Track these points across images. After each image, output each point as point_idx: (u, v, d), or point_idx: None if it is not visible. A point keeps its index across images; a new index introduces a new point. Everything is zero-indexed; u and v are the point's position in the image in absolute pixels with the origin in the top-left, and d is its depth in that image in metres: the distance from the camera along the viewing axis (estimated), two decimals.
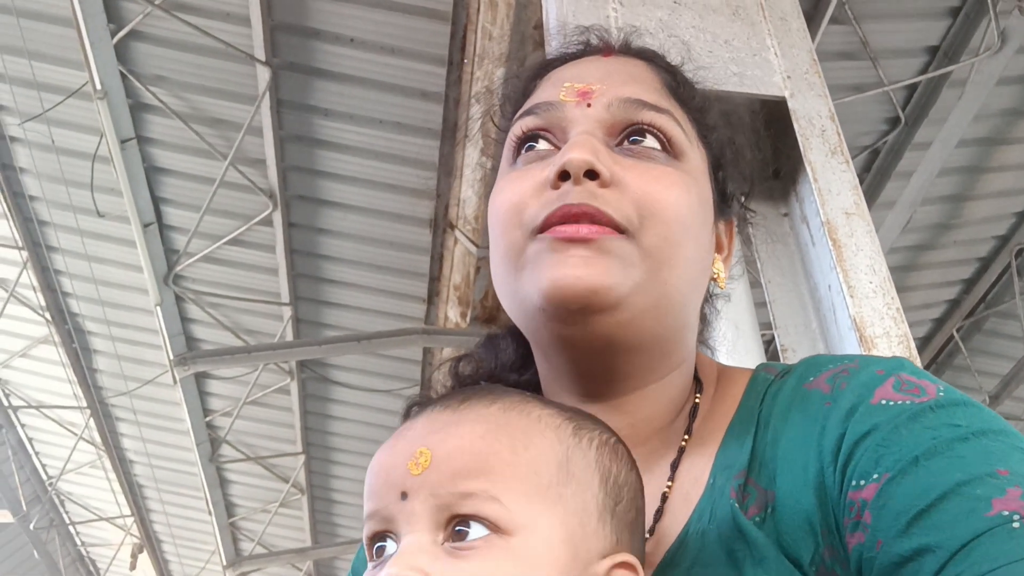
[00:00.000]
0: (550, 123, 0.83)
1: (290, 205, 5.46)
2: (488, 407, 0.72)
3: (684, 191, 0.80)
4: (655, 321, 0.78)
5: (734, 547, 0.70)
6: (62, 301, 6.92)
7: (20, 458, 9.17)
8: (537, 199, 0.78)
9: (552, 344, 0.81)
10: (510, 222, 0.80)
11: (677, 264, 0.78)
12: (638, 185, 0.78)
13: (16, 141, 5.70)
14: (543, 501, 0.68)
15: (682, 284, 0.79)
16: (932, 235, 5.97)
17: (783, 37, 2.23)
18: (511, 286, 0.81)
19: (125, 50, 4.69)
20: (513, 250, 0.79)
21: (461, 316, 5.46)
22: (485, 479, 0.67)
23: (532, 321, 0.80)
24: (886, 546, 0.62)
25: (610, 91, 0.83)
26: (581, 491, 0.71)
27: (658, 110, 0.82)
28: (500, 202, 0.82)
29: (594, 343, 0.78)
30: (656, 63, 0.90)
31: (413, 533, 0.67)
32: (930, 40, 4.77)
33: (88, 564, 11.05)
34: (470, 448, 0.69)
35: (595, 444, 0.74)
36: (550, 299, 0.75)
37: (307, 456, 7.60)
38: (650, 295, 0.77)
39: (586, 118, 0.81)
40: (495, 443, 0.69)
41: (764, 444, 0.76)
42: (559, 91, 0.84)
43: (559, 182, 0.77)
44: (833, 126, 2.12)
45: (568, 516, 0.69)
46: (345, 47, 4.59)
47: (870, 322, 1.88)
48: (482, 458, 0.68)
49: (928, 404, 0.68)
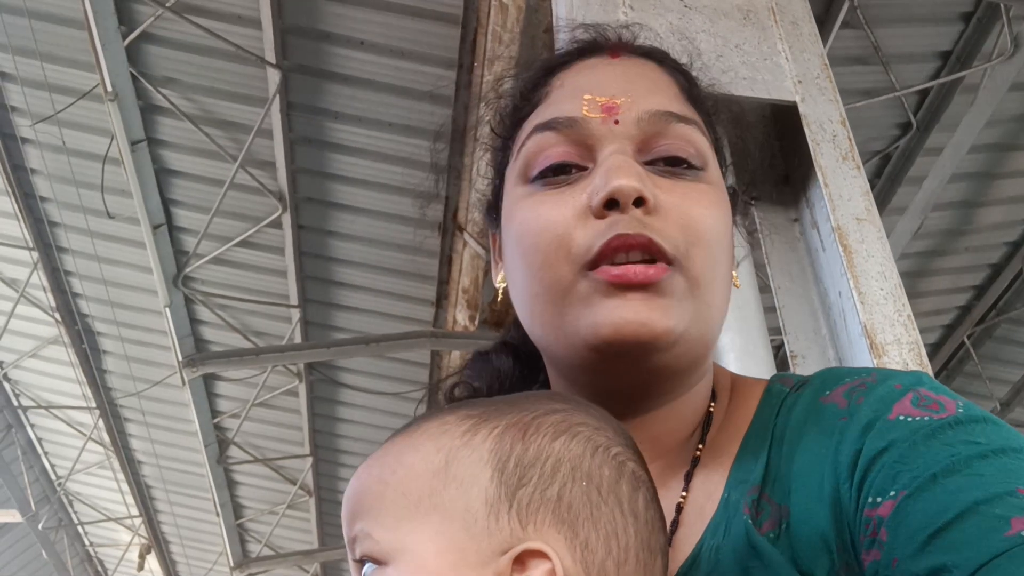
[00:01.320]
0: (574, 141, 0.79)
1: (299, 207, 5.47)
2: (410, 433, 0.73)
3: (719, 209, 0.79)
4: (701, 345, 0.78)
5: (748, 564, 0.69)
6: (72, 302, 6.95)
7: (29, 458, 9.20)
8: (583, 230, 0.75)
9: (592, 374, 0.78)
10: (556, 255, 0.76)
11: (716, 284, 0.78)
12: (680, 210, 0.76)
13: (27, 142, 5.72)
14: (412, 520, 0.68)
15: (720, 301, 0.79)
16: (943, 241, 5.94)
17: (794, 41, 2.21)
18: (554, 320, 0.77)
19: (136, 52, 4.70)
20: (560, 285, 0.76)
21: (470, 319, 5.46)
22: (362, 519, 0.69)
23: (576, 356, 0.77)
24: (902, 564, 0.60)
25: (636, 105, 0.79)
26: (463, 492, 0.68)
27: (687, 121, 0.80)
28: (537, 230, 0.77)
29: (643, 375, 0.77)
30: (666, 64, 0.87)
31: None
32: (942, 45, 4.75)
33: (96, 564, 11.07)
34: (352, 493, 0.72)
35: (495, 433, 0.71)
36: (610, 343, 0.73)
37: (315, 458, 7.61)
38: (701, 323, 0.76)
39: (615, 136, 0.78)
40: (367, 479, 0.71)
41: (779, 459, 0.74)
42: (580, 104, 0.80)
43: (604, 211, 0.74)
44: (844, 131, 2.11)
45: (446, 524, 0.67)
46: (355, 50, 4.60)
47: (880, 329, 1.87)
48: (358, 499, 0.71)
49: (947, 420, 0.66)
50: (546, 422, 0.71)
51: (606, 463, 0.70)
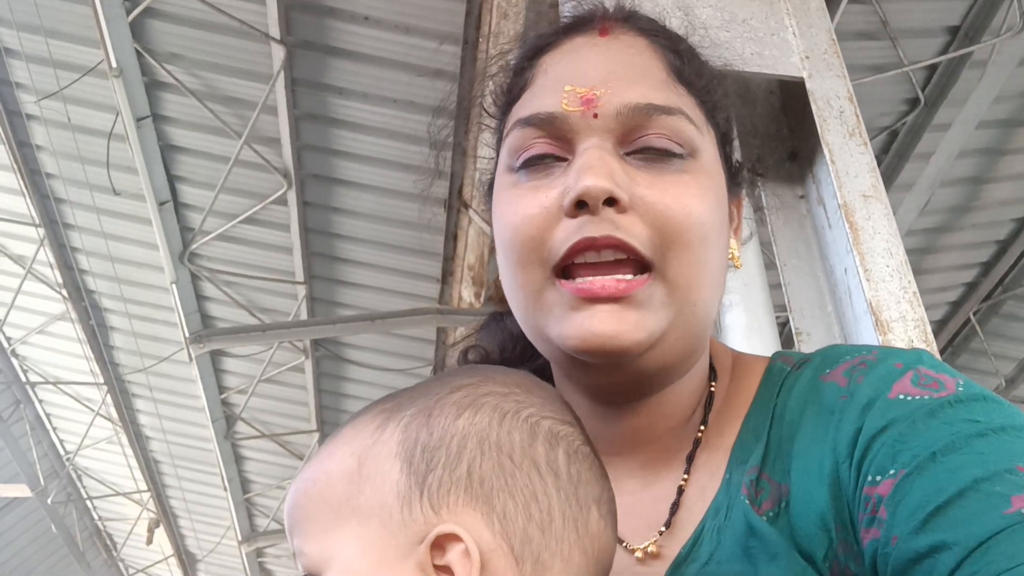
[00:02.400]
0: (553, 135, 0.78)
1: (305, 184, 5.46)
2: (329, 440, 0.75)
3: (704, 201, 0.76)
4: (685, 343, 0.77)
5: (748, 544, 0.70)
6: (79, 278, 6.97)
7: (38, 433, 9.27)
8: (555, 231, 0.74)
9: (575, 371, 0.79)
10: (528, 257, 0.75)
11: (703, 282, 0.76)
12: (657, 206, 0.73)
13: (33, 119, 5.72)
14: (334, 527, 0.69)
15: (709, 296, 0.77)
16: (950, 217, 5.92)
17: (802, 16, 2.20)
18: (531, 321, 0.78)
19: (140, 28, 4.68)
20: (532, 287, 0.76)
21: (475, 296, 5.46)
22: (295, 535, 0.71)
23: (553, 356, 0.78)
24: (901, 542, 0.61)
25: (615, 97, 0.76)
26: (377, 490, 0.68)
27: (670, 112, 0.77)
28: (512, 226, 0.77)
29: (623, 378, 0.77)
30: (659, 41, 0.83)
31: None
32: (951, 20, 4.70)
33: (105, 538, 11.18)
34: (286, 510, 0.72)
35: (401, 425, 0.71)
36: (579, 352, 0.73)
37: (321, 434, 7.65)
38: (681, 324, 0.75)
39: (592, 130, 0.76)
40: (295, 495, 0.72)
41: (779, 438, 0.75)
42: (559, 97, 0.78)
43: (576, 211, 0.73)
44: (851, 107, 2.09)
45: (364, 525, 0.68)
46: (360, 25, 4.57)
47: (886, 306, 1.87)
48: (289, 516, 0.72)
49: (947, 399, 0.67)
50: (449, 401, 0.71)
51: (516, 428, 0.69)
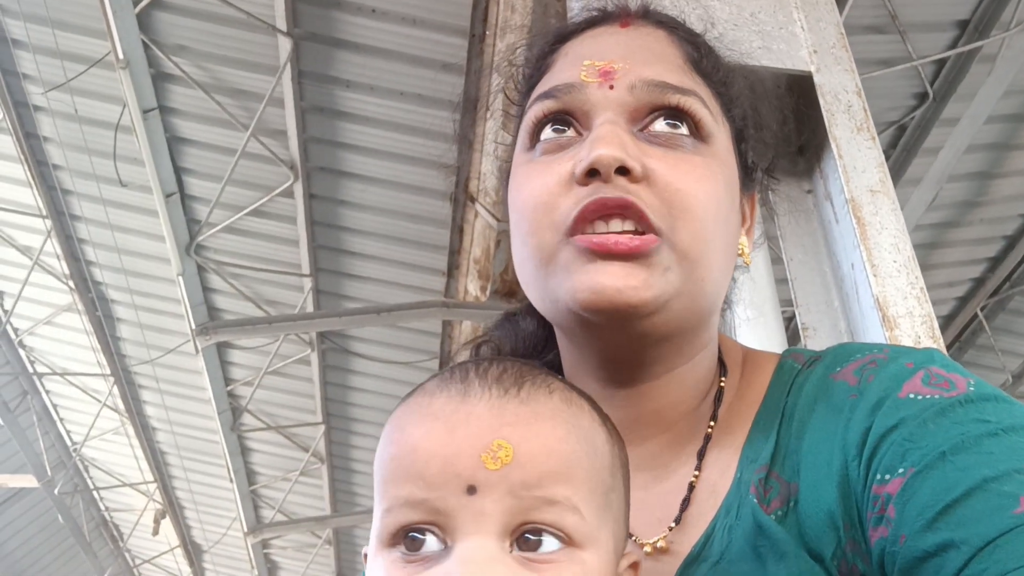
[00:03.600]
0: (571, 107, 0.79)
1: (311, 176, 5.46)
2: (550, 396, 0.67)
3: (713, 182, 0.77)
4: (690, 314, 0.77)
5: (757, 543, 0.70)
6: (85, 270, 6.99)
7: (45, 424, 9.31)
8: (566, 197, 0.75)
9: (582, 339, 0.79)
10: (540, 222, 0.76)
11: (710, 259, 0.76)
12: (669, 180, 0.74)
13: (40, 110, 5.73)
14: (604, 510, 0.65)
15: (715, 275, 0.77)
16: (958, 213, 5.90)
17: (810, 10, 2.19)
18: (541, 285, 0.78)
19: (147, 20, 4.68)
20: (543, 251, 0.76)
21: (481, 289, 5.46)
22: (568, 486, 0.62)
23: (563, 320, 0.78)
24: (910, 541, 0.61)
25: (633, 71, 0.78)
26: (619, 493, 0.68)
27: (683, 92, 0.78)
28: (525, 197, 0.78)
29: (629, 342, 0.76)
30: (678, 33, 0.85)
31: (478, 536, 0.60)
32: (960, 14, 4.68)
33: (111, 529, 11.23)
34: (556, 450, 0.63)
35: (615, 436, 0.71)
36: (588, 308, 0.73)
37: (327, 426, 7.67)
38: (686, 295, 0.75)
39: (608, 101, 0.77)
40: (576, 446, 0.65)
41: (788, 436, 0.74)
42: (579, 70, 0.80)
43: (587, 179, 0.74)
44: (859, 102, 2.09)
45: (614, 523, 0.67)
46: (367, 18, 4.57)
47: (893, 301, 1.86)
48: (566, 463, 0.63)
49: (957, 399, 0.66)
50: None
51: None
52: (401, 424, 0.68)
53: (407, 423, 0.67)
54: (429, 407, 0.67)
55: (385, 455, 0.67)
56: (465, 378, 0.68)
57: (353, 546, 9.59)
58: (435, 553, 0.61)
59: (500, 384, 0.67)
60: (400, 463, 0.65)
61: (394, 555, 0.63)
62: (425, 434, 0.64)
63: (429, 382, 0.71)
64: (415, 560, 0.62)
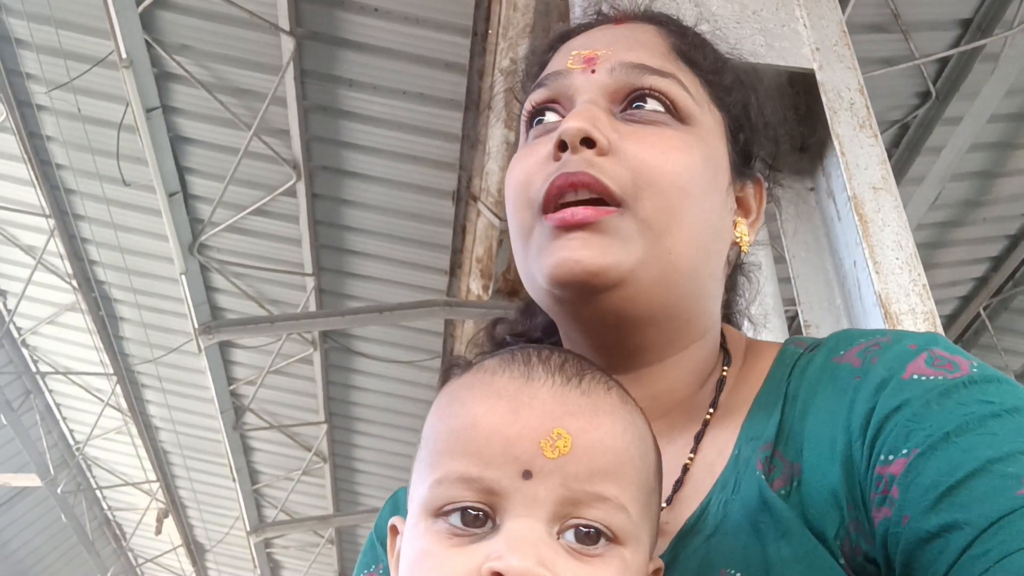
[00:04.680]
0: (558, 93, 0.84)
1: (314, 176, 5.47)
2: (608, 392, 0.68)
3: (685, 154, 0.79)
4: (664, 291, 0.78)
5: (758, 519, 0.70)
6: (89, 269, 7.00)
7: (48, 423, 9.32)
8: (540, 174, 0.79)
9: (566, 320, 0.82)
10: (519, 200, 0.81)
11: (680, 232, 0.77)
12: (635, 152, 0.77)
13: (43, 109, 5.74)
14: (647, 509, 0.66)
15: (689, 251, 0.78)
16: (961, 212, 5.90)
17: (812, 8, 2.19)
18: (524, 265, 0.82)
19: (150, 19, 4.69)
20: (524, 230, 0.80)
21: (483, 289, 5.46)
22: (618, 485, 0.63)
23: (544, 300, 0.81)
24: (913, 522, 0.61)
25: (614, 56, 0.83)
26: (657, 496, 0.69)
27: (662, 74, 0.81)
28: (511, 180, 0.83)
29: (604, 319, 0.78)
30: (667, 27, 0.89)
31: (528, 519, 0.61)
32: (963, 13, 4.68)
33: (114, 528, 11.24)
34: (612, 447, 0.64)
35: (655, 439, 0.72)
36: (554, 282, 0.76)
37: (329, 425, 7.67)
38: (654, 267, 0.76)
39: (590, 84, 0.82)
40: (631, 446, 0.66)
41: (792, 417, 0.75)
42: (567, 60, 0.85)
43: (559, 152, 0.78)
44: (862, 99, 2.09)
45: (651, 524, 0.67)
46: (369, 17, 4.57)
47: (895, 298, 1.86)
48: (620, 461, 0.64)
49: (961, 380, 0.67)
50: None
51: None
52: (461, 397, 0.68)
53: (467, 397, 0.67)
54: (491, 384, 0.67)
55: (442, 426, 0.67)
56: (528, 361, 0.69)
57: (355, 545, 9.59)
58: (482, 531, 0.62)
59: (563, 372, 0.68)
60: (459, 436, 0.65)
61: (439, 526, 0.63)
62: (487, 411, 0.65)
63: (488, 360, 0.71)
64: (461, 534, 0.62)
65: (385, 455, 8.06)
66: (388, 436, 7.77)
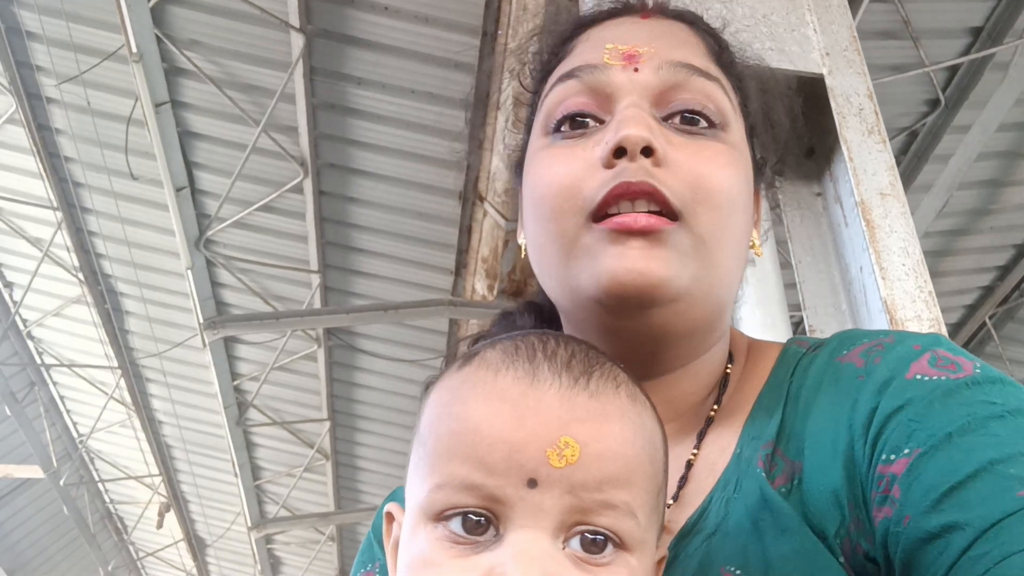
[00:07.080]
0: (594, 89, 0.79)
1: (321, 173, 5.48)
2: (617, 392, 0.66)
3: (735, 170, 0.77)
4: (709, 306, 0.77)
5: (758, 516, 0.69)
6: (95, 262, 7.01)
7: (52, 415, 9.34)
8: (591, 180, 0.75)
9: (599, 330, 0.78)
10: (563, 207, 0.76)
11: (727, 247, 0.76)
12: (690, 166, 0.75)
13: (52, 102, 5.75)
14: (654, 511, 0.65)
15: (731, 264, 0.78)
16: (968, 220, 5.88)
17: (823, 13, 2.19)
18: (561, 272, 0.77)
19: (161, 14, 4.71)
20: (566, 236, 0.76)
21: (488, 289, 5.47)
22: (628, 491, 0.61)
23: (582, 310, 0.77)
24: (914, 521, 0.61)
25: (658, 55, 0.79)
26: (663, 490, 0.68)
27: (708, 76, 0.79)
28: (547, 182, 0.77)
29: (649, 332, 0.76)
30: (698, 26, 0.86)
31: (534, 529, 0.59)
32: (973, 21, 4.67)
33: (116, 521, 11.26)
34: (621, 454, 0.62)
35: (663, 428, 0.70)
36: (610, 293, 0.72)
37: (332, 423, 7.68)
38: (704, 282, 0.75)
39: (633, 84, 0.78)
40: (640, 451, 0.64)
41: (794, 416, 0.75)
42: (602, 53, 0.80)
43: (614, 160, 0.74)
44: (871, 105, 2.08)
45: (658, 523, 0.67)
46: (379, 15, 4.58)
47: (901, 305, 1.86)
48: (630, 468, 0.62)
49: (964, 381, 0.66)
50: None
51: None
52: (462, 397, 0.65)
53: (469, 397, 0.65)
54: (494, 385, 0.64)
55: (442, 428, 0.65)
56: (532, 357, 0.65)
57: (356, 543, 9.59)
58: (484, 538, 0.60)
59: (570, 371, 0.65)
60: (460, 440, 0.62)
61: (439, 532, 0.61)
62: (491, 416, 0.62)
63: (490, 352, 0.68)
64: (463, 542, 0.60)
65: (387, 453, 8.06)
66: (390, 434, 7.78)
